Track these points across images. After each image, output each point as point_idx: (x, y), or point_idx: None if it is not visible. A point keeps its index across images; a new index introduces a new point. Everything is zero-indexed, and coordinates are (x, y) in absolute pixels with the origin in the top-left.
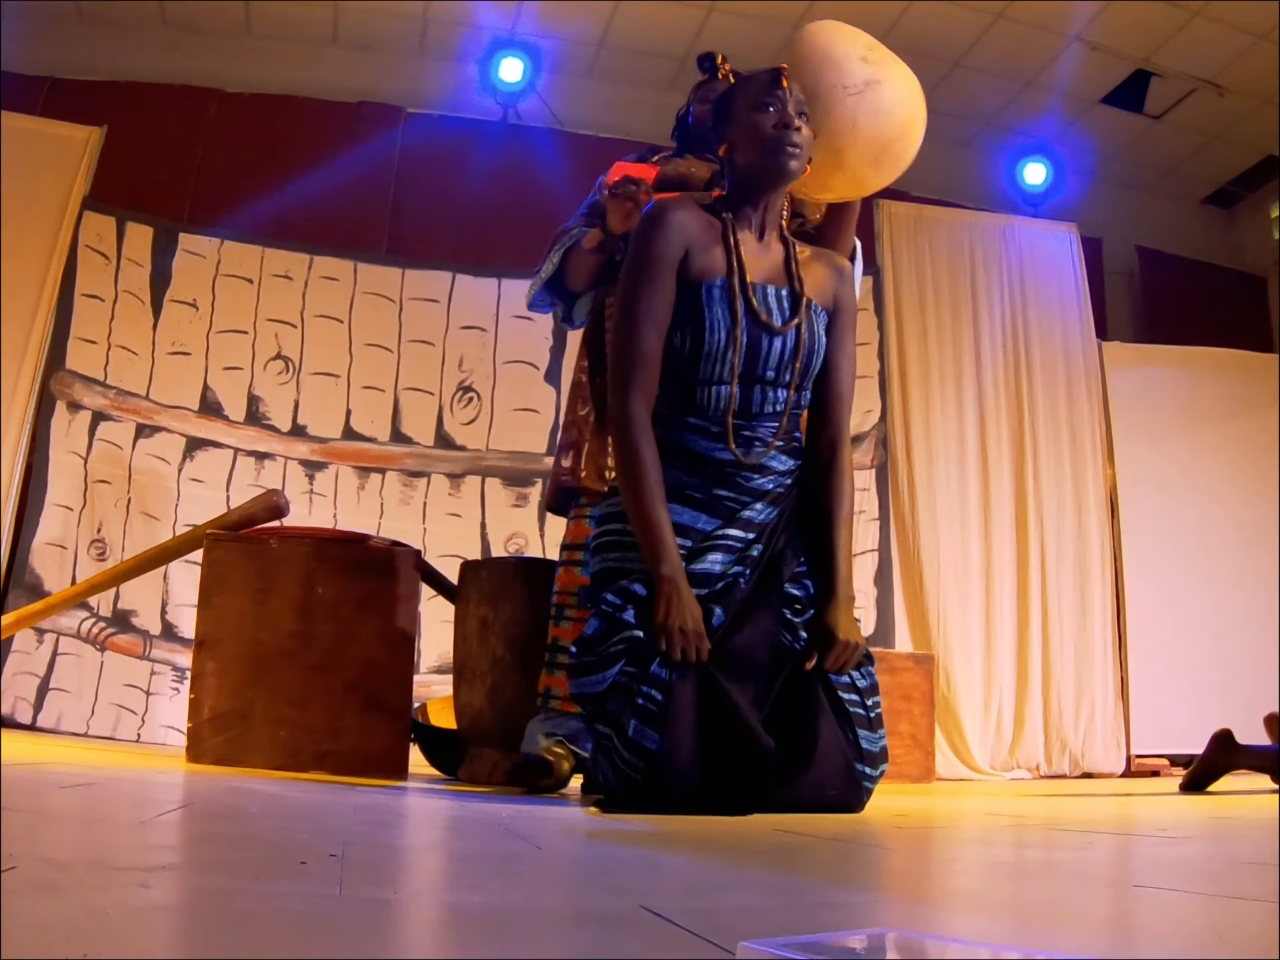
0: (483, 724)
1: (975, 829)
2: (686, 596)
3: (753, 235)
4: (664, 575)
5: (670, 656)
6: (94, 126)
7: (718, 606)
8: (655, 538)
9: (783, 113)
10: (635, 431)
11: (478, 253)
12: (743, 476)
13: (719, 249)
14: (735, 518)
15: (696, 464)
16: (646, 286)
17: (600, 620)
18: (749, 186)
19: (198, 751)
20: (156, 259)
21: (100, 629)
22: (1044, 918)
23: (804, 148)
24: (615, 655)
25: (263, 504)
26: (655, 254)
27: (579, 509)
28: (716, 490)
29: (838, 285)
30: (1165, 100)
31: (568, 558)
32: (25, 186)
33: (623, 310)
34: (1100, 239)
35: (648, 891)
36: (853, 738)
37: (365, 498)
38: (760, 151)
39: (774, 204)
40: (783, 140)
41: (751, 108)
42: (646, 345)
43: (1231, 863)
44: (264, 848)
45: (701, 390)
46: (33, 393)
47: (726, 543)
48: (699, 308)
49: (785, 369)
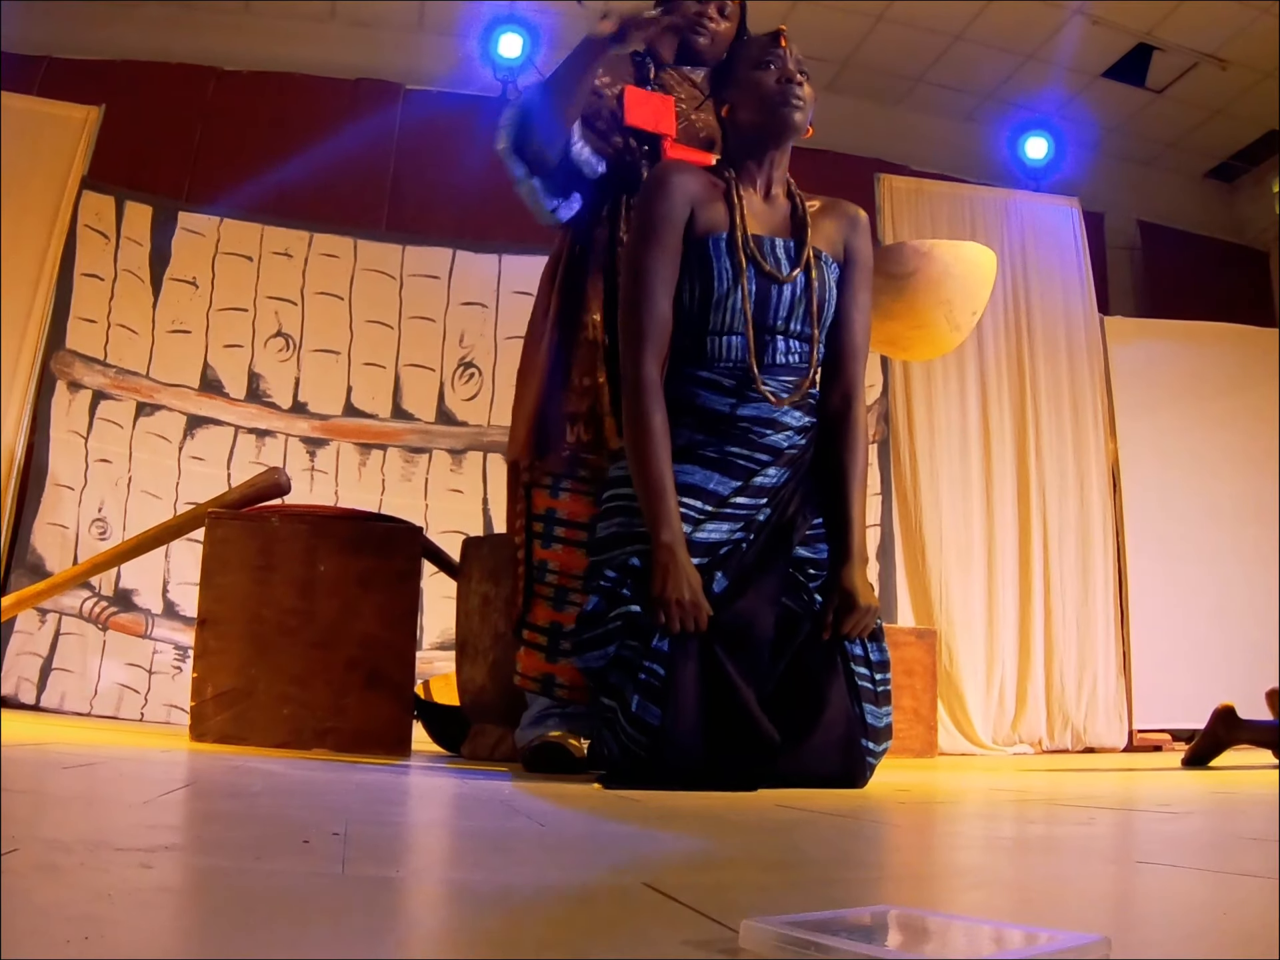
0: (485, 701)
1: (977, 804)
2: (685, 565)
3: (757, 193)
4: (662, 542)
5: (669, 629)
6: (92, 106)
7: (719, 572)
8: (658, 504)
9: (784, 69)
10: (647, 395)
11: (478, 229)
12: (755, 432)
13: (723, 205)
14: (749, 482)
15: (708, 421)
16: (654, 248)
17: (599, 596)
18: (753, 145)
19: (201, 730)
20: (156, 237)
21: (102, 608)
22: (1046, 894)
23: (806, 102)
24: (615, 631)
25: (264, 482)
26: (660, 215)
27: (577, 483)
28: (729, 448)
29: (849, 235)
30: (1167, 74)
31: (565, 535)
32: (24, 167)
33: (631, 274)
34: (1102, 213)
35: (650, 868)
36: (859, 711)
37: (367, 474)
38: (763, 107)
39: (778, 161)
40: (786, 94)
41: (753, 66)
42: (657, 307)
43: (1234, 838)
44: (266, 826)
45: (712, 341)
46: (33, 373)
47: (734, 510)
48: (706, 260)
49: (795, 318)
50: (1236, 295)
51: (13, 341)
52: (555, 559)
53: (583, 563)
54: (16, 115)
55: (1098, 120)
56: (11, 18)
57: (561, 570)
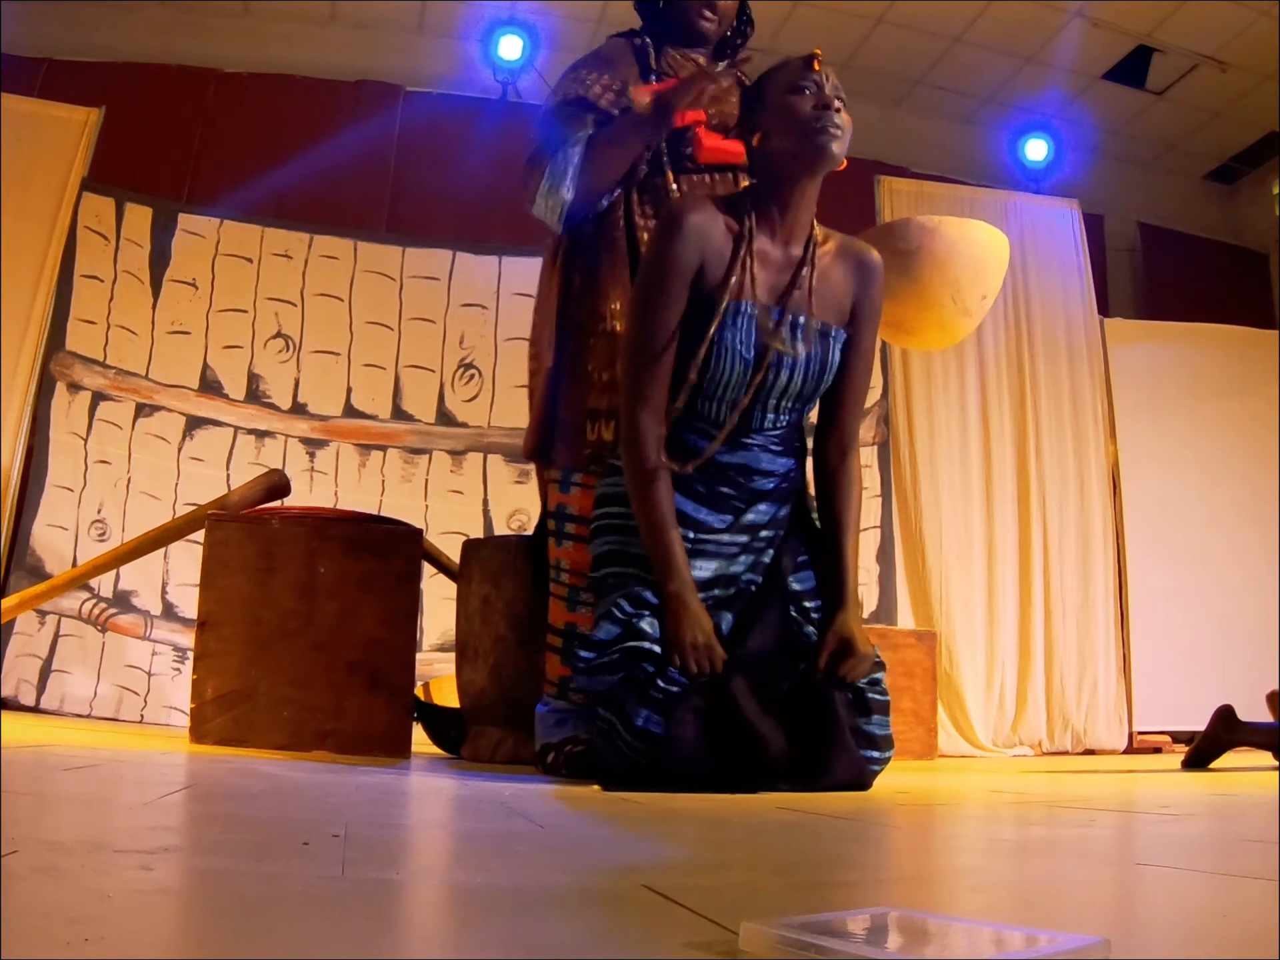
0: (485, 702)
1: (978, 806)
2: (695, 610)
3: (776, 239)
4: (671, 592)
5: (686, 671)
6: (92, 108)
7: (727, 613)
8: (664, 554)
9: (820, 95)
10: (646, 446)
11: (478, 230)
12: (744, 476)
13: (736, 260)
14: (740, 520)
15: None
16: (660, 296)
17: (615, 626)
18: (783, 175)
19: (201, 732)
20: (156, 239)
21: (101, 610)
22: (1046, 896)
23: (844, 130)
24: (629, 659)
25: (264, 483)
26: (670, 264)
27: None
28: (719, 487)
29: (860, 289)
30: (1167, 76)
31: (575, 531)
32: (24, 168)
33: (636, 321)
34: (1102, 215)
35: (650, 870)
36: (864, 725)
37: (366, 475)
38: (798, 134)
39: (808, 195)
40: (824, 121)
41: (786, 90)
42: (658, 361)
43: (1234, 840)
44: (267, 829)
45: (704, 403)
46: (33, 374)
47: (729, 549)
48: (706, 324)
49: (789, 394)
50: (1236, 297)
51: (13, 343)
52: (567, 557)
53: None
54: (17, 117)
55: (1098, 122)
56: (12, 19)
57: (573, 569)
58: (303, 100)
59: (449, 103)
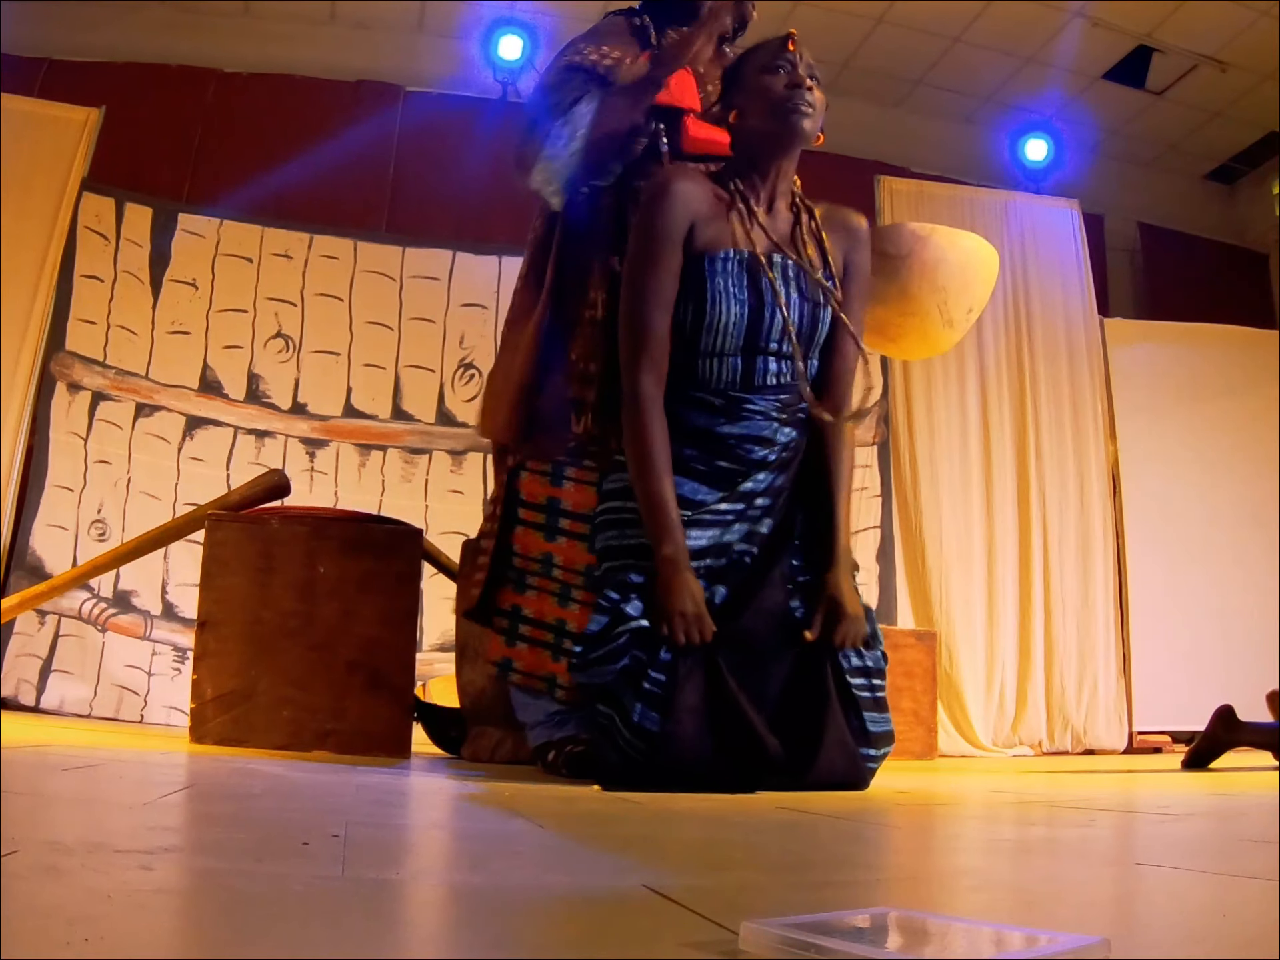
0: (485, 703)
1: (978, 806)
2: (687, 578)
3: (760, 205)
4: (665, 556)
5: (673, 640)
6: (92, 107)
7: (721, 585)
8: (660, 517)
9: (793, 74)
10: (646, 410)
11: (478, 230)
12: (744, 448)
13: (724, 220)
14: (736, 490)
15: (698, 438)
16: (652, 264)
17: (603, 615)
18: (759, 152)
19: (201, 732)
20: (156, 239)
21: (101, 610)
22: (1046, 896)
23: (816, 108)
24: (621, 649)
25: (265, 483)
26: (660, 230)
27: (582, 471)
28: (719, 462)
29: (849, 249)
30: (1167, 76)
31: (569, 527)
32: (24, 168)
33: (630, 288)
34: (1102, 215)
35: (650, 870)
36: (858, 723)
37: (366, 475)
38: (772, 113)
39: (785, 171)
40: (795, 99)
41: (761, 70)
42: (655, 323)
43: (1234, 840)
44: (266, 829)
45: (702, 363)
46: (33, 374)
47: (725, 516)
48: (700, 280)
49: (787, 340)
50: (1236, 297)
51: (13, 343)
52: (560, 552)
53: (586, 557)
54: (17, 117)
55: (1098, 122)
56: (12, 19)
57: (565, 565)
58: (302, 100)
59: (449, 103)
